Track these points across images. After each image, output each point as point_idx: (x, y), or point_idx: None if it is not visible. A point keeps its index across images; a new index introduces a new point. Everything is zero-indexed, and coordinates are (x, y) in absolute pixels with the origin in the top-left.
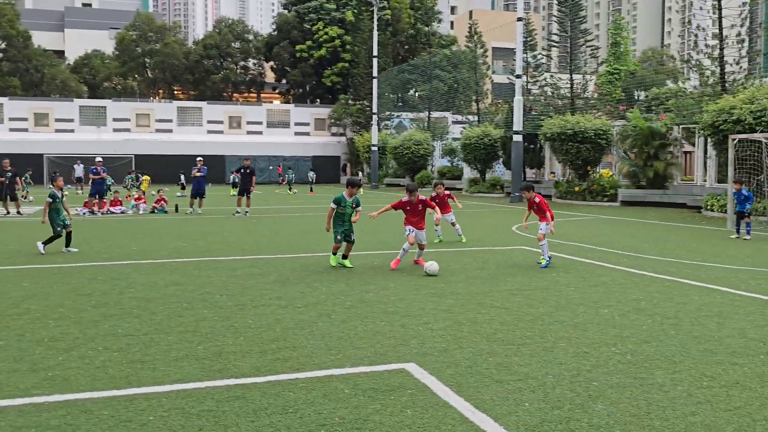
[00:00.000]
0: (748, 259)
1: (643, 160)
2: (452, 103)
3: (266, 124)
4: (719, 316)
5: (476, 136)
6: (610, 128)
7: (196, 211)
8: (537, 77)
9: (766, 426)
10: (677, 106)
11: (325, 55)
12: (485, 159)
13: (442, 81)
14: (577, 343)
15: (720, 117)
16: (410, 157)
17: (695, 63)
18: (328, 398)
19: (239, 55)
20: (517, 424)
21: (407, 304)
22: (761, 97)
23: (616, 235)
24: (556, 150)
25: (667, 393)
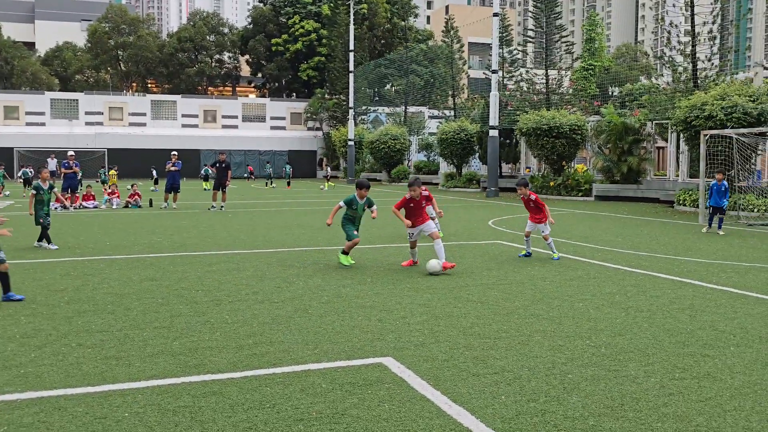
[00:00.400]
0: (720, 253)
1: (617, 155)
2: (429, 97)
3: (242, 118)
4: (691, 309)
5: (452, 131)
6: (585, 123)
7: (170, 206)
8: (513, 72)
9: (736, 416)
10: (650, 102)
11: (301, 49)
12: (461, 154)
13: (419, 76)
14: (552, 336)
15: (692, 113)
16: (387, 152)
17: (668, 59)
18: (305, 393)
19: (214, 48)
20: (493, 417)
21: (384, 299)
22: (732, 93)
23: (591, 230)
24: (532, 145)
25: (641, 385)
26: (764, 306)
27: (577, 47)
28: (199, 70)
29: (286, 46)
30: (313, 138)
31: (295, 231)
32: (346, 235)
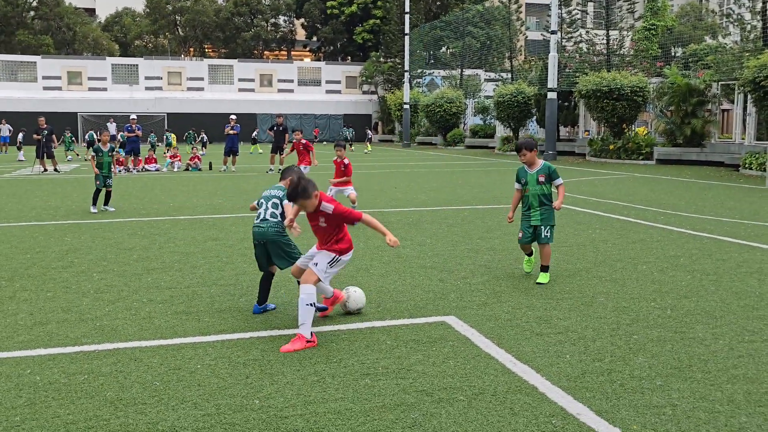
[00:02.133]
0: None
1: (680, 117)
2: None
3: (297, 82)
4: (759, 272)
5: (509, 94)
6: (647, 85)
7: (229, 169)
8: (572, 33)
9: None
10: (716, 62)
11: (356, 12)
12: (518, 117)
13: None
14: (616, 297)
15: (761, 73)
16: (442, 116)
17: (736, 17)
18: (370, 349)
19: (269, 12)
20: (558, 375)
21: (444, 260)
22: None
23: (653, 193)
24: (591, 107)
25: (708, 347)
26: None
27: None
28: (255, 34)
29: (341, 8)
30: (368, 102)
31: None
32: None
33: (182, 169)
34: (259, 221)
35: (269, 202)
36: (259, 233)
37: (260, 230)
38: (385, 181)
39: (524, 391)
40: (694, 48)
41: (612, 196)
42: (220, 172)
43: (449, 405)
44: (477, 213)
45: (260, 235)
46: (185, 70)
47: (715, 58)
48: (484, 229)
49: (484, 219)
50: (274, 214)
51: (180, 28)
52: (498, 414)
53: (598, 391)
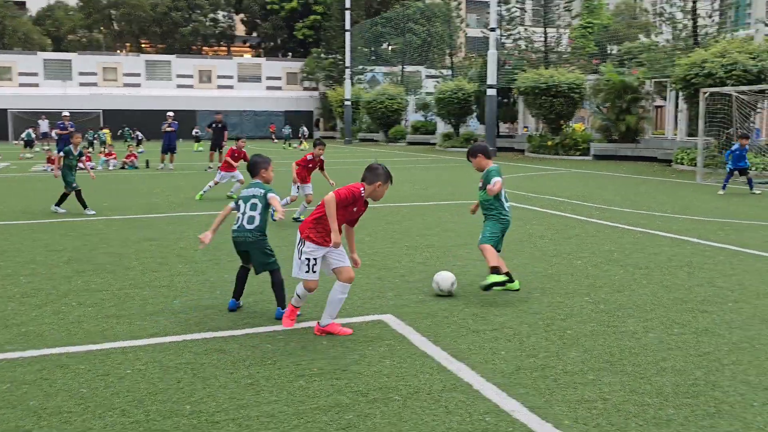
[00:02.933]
0: (717, 211)
1: (615, 114)
2: (426, 56)
3: (237, 78)
4: (689, 265)
5: (450, 91)
6: (584, 82)
7: (167, 167)
8: (511, 31)
9: (734, 370)
10: (649, 60)
11: (297, 8)
12: (459, 113)
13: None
14: (551, 293)
15: (691, 71)
16: (384, 112)
17: (668, 16)
18: (306, 349)
19: (208, 6)
20: (493, 372)
21: (383, 257)
22: (732, 50)
23: (589, 189)
24: (530, 104)
25: (639, 340)
26: (762, 262)
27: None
28: (193, 30)
29: (282, 4)
30: (309, 98)
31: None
32: None
33: (118, 168)
34: (237, 227)
35: (248, 204)
36: (240, 242)
37: (240, 238)
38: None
39: (459, 389)
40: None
41: (550, 192)
42: (158, 170)
43: (384, 405)
44: (416, 210)
45: (241, 243)
46: (121, 65)
47: (649, 56)
48: (424, 227)
49: (423, 216)
50: (252, 219)
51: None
52: (433, 413)
53: (532, 387)
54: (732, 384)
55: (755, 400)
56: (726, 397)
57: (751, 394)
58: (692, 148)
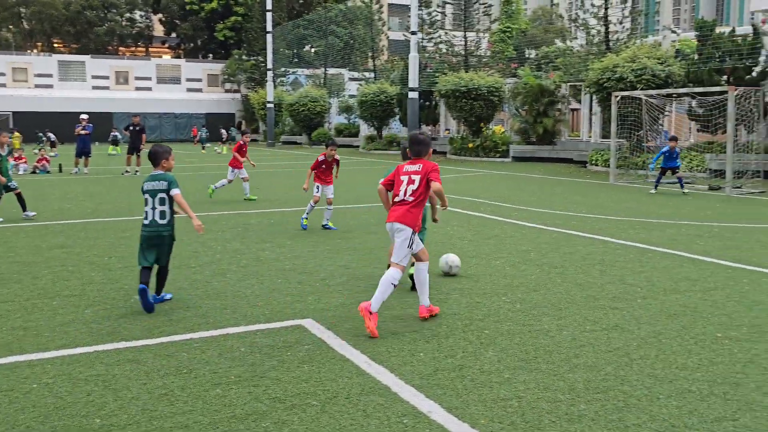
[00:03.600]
0: (629, 211)
1: (533, 116)
2: (348, 59)
3: (156, 79)
4: (601, 264)
5: (372, 93)
6: (503, 85)
7: (81, 171)
8: (432, 34)
9: (642, 364)
10: (565, 65)
11: (217, 8)
12: (381, 116)
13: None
14: (470, 293)
15: (604, 75)
16: (307, 115)
17: (582, 22)
18: (223, 357)
19: (124, 6)
20: (412, 374)
21: (304, 261)
22: (642, 56)
23: (508, 190)
24: (451, 107)
25: (554, 338)
26: (669, 260)
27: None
28: (109, 29)
29: (201, 4)
30: (231, 100)
31: (214, 195)
32: None
33: (29, 172)
34: (149, 223)
35: (156, 198)
36: (153, 236)
37: (154, 233)
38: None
39: (378, 391)
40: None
41: (470, 193)
42: (72, 174)
43: (302, 411)
44: (338, 213)
45: (154, 238)
46: (32, 65)
47: (564, 61)
48: (345, 229)
49: (346, 219)
50: (163, 214)
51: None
52: (351, 417)
53: (449, 388)
54: (640, 378)
55: (661, 393)
56: (634, 391)
57: (657, 388)
58: (606, 150)
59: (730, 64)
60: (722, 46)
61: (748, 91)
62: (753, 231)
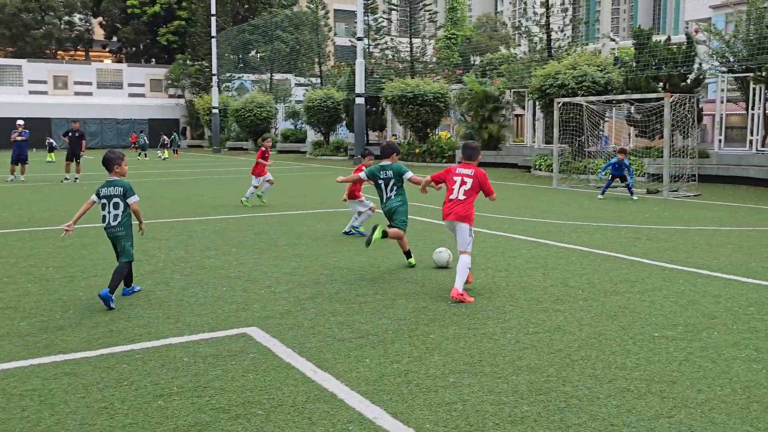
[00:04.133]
0: (571, 215)
1: (478, 122)
2: (294, 65)
3: (96, 84)
4: (545, 267)
5: (319, 99)
6: (448, 91)
7: (17, 179)
8: (378, 40)
9: (583, 365)
10: (509, 71)
11: (160, 12)
12: (328, 122)
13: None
14: (416, 298)
15: (546, 82)
16: (253, 120)
17: (524, 30)
18: (165, 368)
19: (63, 9)
20: (358, 380)
21: (249, 269)
22: (582, 63)
23: None
24: (397, 112)
25: (498, 341)
26: (609, 262)
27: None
28: (46, 33)
29: (143, 8)
30: (175, 106)
31: (157, 202)
32: None
33: None
34: (106, 225)
35: (111, 203)
36: (112, 237)
37: (112, 234)
38: (191, 188)
39: (323, 399)
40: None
41: (417, 199)
42: (7, 182)
43: (246, 420)
44: (285, 219)
45: (113, 238)
46: None
47: (508, 68)
48: (292, 236)
49: (292, 225)
50: (117, 216)
51: None
52: (296, 425)
53: (395, 393)
54: (581, 378)
55: (601, 393)
56: (575, 392)
57: (597, 387)
58: (549, 155)
59: (666, 72)
60: (658, 54)
61: (683, 97)
62: (688, 233)
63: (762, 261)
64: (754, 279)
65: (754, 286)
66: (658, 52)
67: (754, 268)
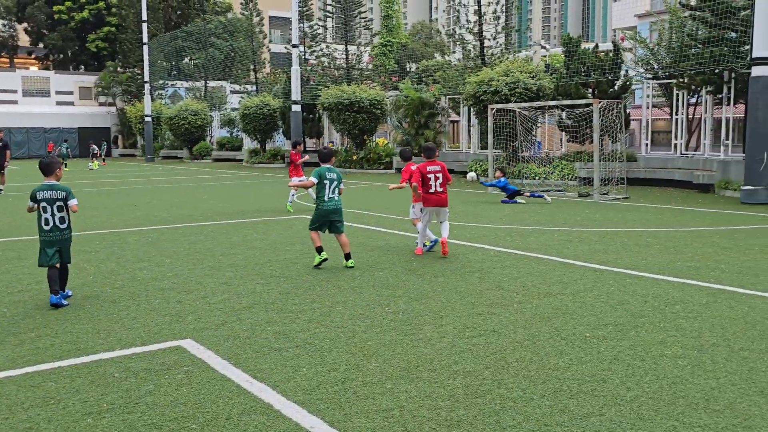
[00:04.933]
0: (506, 219)
1: (414, 128)
2: (230, 72)
3: (22, 92)
4: (480, 271)
5: (255, 106)
6: (384, 98)
7: None
8: (314, 47)
9: (518, 367)
10: (444, 78)
11: (88, 18)
12: (265, 129)
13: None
14: (353, 305)
15: (480, 88)
16: (187, 128)
17: (458, 37)
18: (95, 385)
19: None
20: (294, 390)
21: (184, 280)
22: (515, 70)
23: (392, 201)
24: (334, 119)
25: (434, 346)
26: (543, 265)
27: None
28: None
29: (71, 14)
30: (106, 114)
31: (86, 213)
32: None
33: None
34: (50, 229)
35: (54, 206)
36: (58, 240)
37: (57, 237)
38: (124, 198)
39: (259, 410)
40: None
41: (355, 206)
42: None
43: None
44: (221, 228)
45: (57, 242)
46: None
47: (443, 74)
48: (228, 245)
49: (228, 234)
50: (63, 219)
51: None
52: None
53: (332, 402)
54: (516, 380)
55: (535, 394)
56: (510, 393)
57: (531, 389)
58: (484, 160)
59: (594, 78)
60: (587, 62)
61: (611, 103)
62: (617, 234)
63: (686, 260)
64: (680, 278)
65: (679, 284)
66: (586, 59)
67: (680, 268)
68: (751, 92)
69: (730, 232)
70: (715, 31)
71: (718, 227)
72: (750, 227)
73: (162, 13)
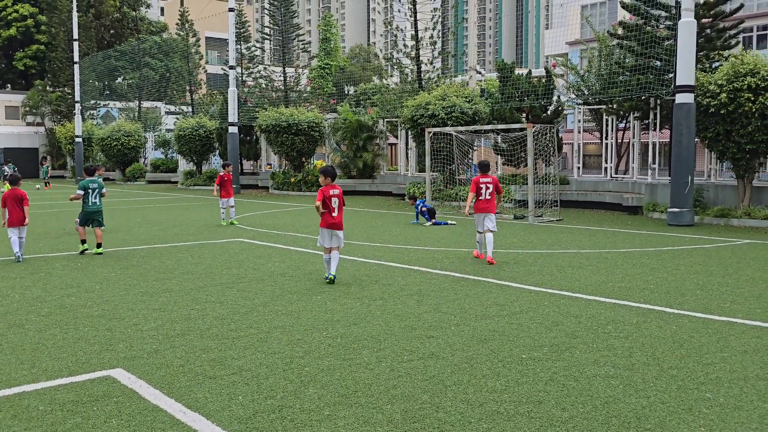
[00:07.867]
0: (443, 241)
1: (353, 151)
2: (165, 92)
3: None
4: (419, 294)
5: (191, 128)
6: (322, 121)
7: None
8: (251, 69)
9: (456, 390)
10: (381, 101)
11: (16, 36)
12: (201, 151)
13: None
14: (291, 330)
15: (417, 112)
16: (120, 149)
17: (396, 61)
18: (18, 419)
19: None
20: (230, 419)
21: (114, 306)
22: (451, 94)
23: None
24: (272, 142)
25: (373, 370)
26: (480, 287)
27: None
28: None
29: None
30: (33, 134)
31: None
32: None
33: None
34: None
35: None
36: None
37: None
38: (51, 222)
39: None
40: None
41: (292, 228)
42: None
43: None
44: (155, 252)
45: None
46: None
47: (381, 98)
48: (162, 270)
49: (162, 259)
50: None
51: None
52: None
53: (269, 430)
54: (453, 404)
55: (473, 417)
56: (448, 417)
57: (469, 412)
58: (422, 183)
59: (528, 103)
60: (521, 87)
61: (545, 127)
62: (552, 256)
63: (618, 281)
64: (611, 298)
65: (611, 305)
66: (520, 84)
67: (611, 288)
68: (675, 118)
69: (657, 252)
70: (641, 60)
71: (647, 248)
72: (676, 248)
73: (94, 32)
